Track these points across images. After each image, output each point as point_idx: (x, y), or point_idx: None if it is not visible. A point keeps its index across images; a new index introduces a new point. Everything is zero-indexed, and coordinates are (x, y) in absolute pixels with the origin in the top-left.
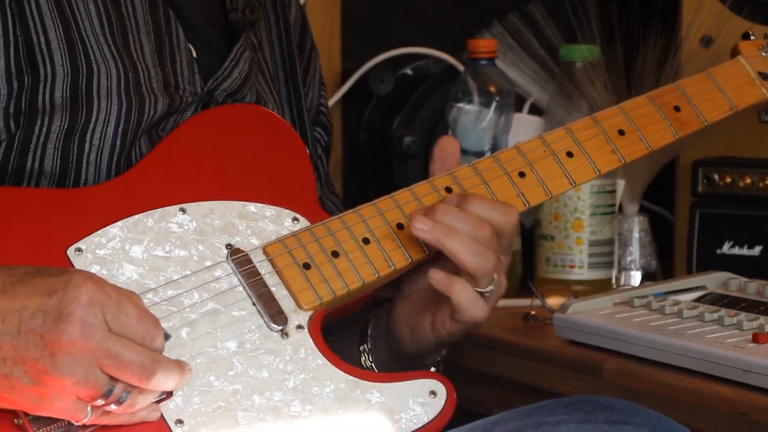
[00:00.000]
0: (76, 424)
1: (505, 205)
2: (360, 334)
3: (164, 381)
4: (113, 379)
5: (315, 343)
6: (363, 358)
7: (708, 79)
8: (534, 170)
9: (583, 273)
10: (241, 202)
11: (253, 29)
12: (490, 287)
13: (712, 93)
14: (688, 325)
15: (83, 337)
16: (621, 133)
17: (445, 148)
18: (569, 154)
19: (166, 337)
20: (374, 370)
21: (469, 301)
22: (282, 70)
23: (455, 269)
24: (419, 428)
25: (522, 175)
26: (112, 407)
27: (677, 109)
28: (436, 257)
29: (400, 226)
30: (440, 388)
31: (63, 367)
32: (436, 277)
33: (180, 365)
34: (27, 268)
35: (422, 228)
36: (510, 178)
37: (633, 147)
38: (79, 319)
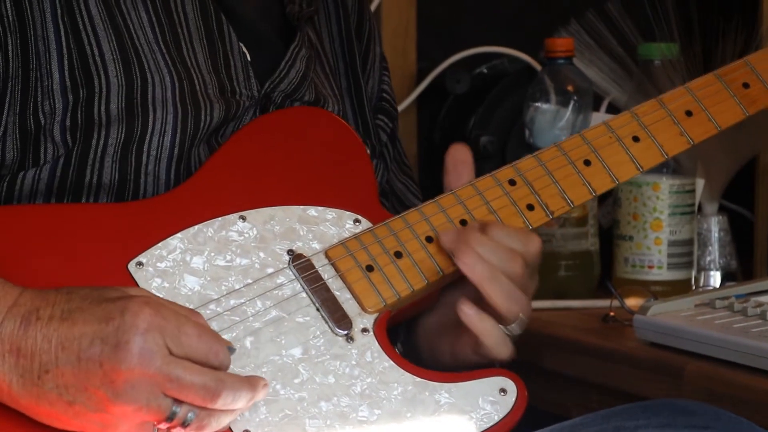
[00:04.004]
0: None
1: (526, 234)
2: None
3: (232, 400)
4: (178, 401)
5: (381, 346)
6: None
7: None
8: (599, 157)
9: (662, 273)
10: (301, 207)
11: (312, 22)
12: (517, 329)
13: None
14: None
15: (142, 365)
16: (688, 114)
17: (456, 156)
18: (635, 139)
19: (231, 350)
20: None
21: (497, 342)
22: (342, 61)
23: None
24: (490, 427)
25: (587, 163)
26: (179, 430)
27: (746, 85)
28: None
29: (463, 222)
30: (510, 386)
31: (124, 395)
32: (468, 311)
33: (251, 381)
34: (84, 291)
35: (468, 263)
36: (575, 166)
37: (701, 128)
38: (137, 347)
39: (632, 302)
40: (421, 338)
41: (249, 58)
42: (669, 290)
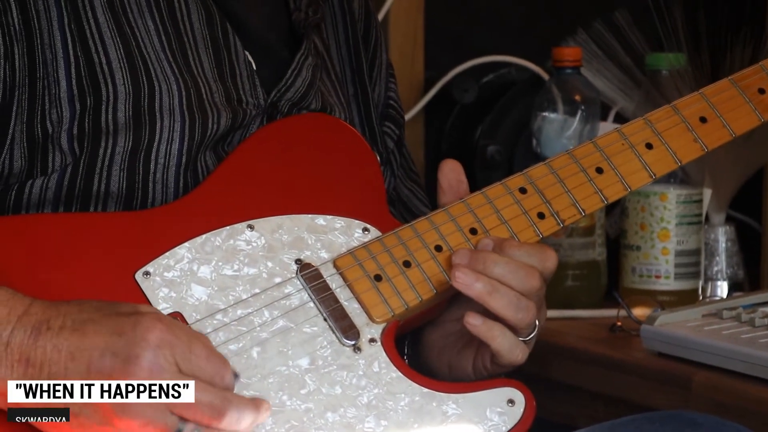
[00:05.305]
0: None
1: (543, 250)
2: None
3: (237, 420)
4: (184, 419)
5: (389, 356)
6: None
7: None
8: (612, 165)
9: (669, 283)
10: (309, 215)
11: (318, 29)
12: (533, 334)
13: None
14: None
15: (151, 380)
16: (703, 120)
17: (450, 176)
18: (648, 146)
19: (236, 377)
20: None
21: (510, 348)
22: (349, 68)
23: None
24: None
25: (599, 170)
26: None
27: (762, 91)
28: None
29: (473, 231)
30: (518, 396)
31: (131, 410)
32: (474, 322)
33: (255, 403)
34: (97, 303)
35: (464, 282)
36: (587, 174)
37: (716, 134)
38: (147, 361)
39: (639, 312)
40: (437, 361)
41: (255, 67)
42: (676, 300)
